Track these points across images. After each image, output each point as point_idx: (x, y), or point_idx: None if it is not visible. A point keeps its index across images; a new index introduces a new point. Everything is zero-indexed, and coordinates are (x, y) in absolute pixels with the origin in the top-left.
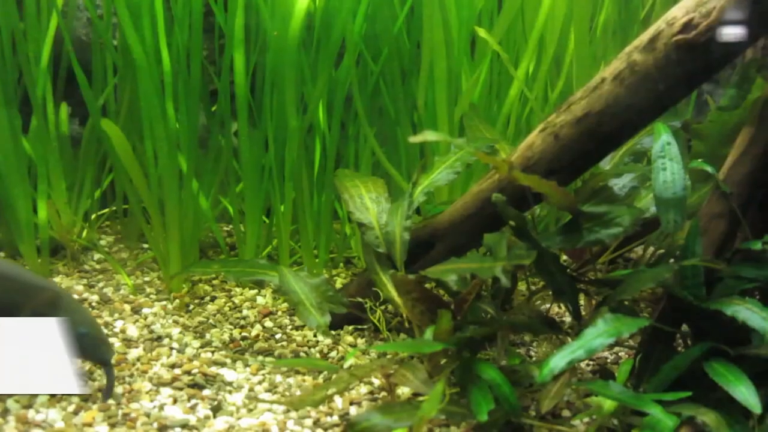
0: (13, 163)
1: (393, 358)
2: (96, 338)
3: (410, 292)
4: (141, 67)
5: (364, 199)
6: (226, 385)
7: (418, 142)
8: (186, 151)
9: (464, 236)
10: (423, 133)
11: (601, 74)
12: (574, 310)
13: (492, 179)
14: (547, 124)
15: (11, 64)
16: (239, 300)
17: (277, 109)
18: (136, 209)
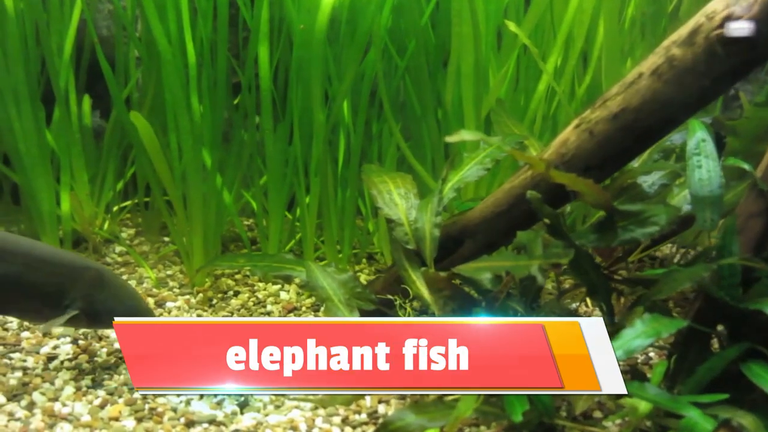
0: (36, 155)
1: None
2: (144, 310)
3: (441, 289)
4: (166, 60)
5: (392, 194)
6: None
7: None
8: (209, 144)
9: (494, 233)
10: (459, 132)
11: (638, 69)
12: (607, 310)
13: (524, 176)
14: (581, 120)
15: (35, 55)
16: (263, 295)
17: (302, 103)
18: (159, 202)
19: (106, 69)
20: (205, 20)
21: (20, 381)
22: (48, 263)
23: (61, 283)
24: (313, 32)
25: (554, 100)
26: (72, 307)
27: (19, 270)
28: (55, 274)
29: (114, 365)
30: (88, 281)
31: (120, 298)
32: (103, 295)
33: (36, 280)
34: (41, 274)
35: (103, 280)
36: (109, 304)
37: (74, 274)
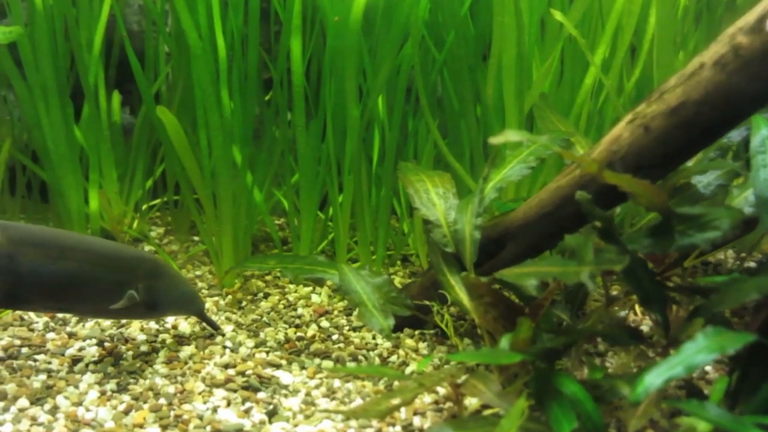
0: (65, 152)
1: (462, 367)
2: (193, 294)
3: (483, 296)
4: (196, 54)
5: (430, 194)
6: (281, 388)
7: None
8: (240, 141)
9: (538, 236)
10: (504, 132)
11: (699, 59)
12: (662, 321)
13: (572, 175)
14: (635, 115)
15: (63, 51)
16: (293, 297)
17: (335, 98)
18: (188, 201)
19: (135, 64)
20: (236, 13)
21: (44, 384)
22: (108, 258)
23: (121, 277)
24: (348, 24)
25: (601, 94)
26: (130, 298)
27: (80, 267)
28: (115, 269)
29: (139, 369)
30: (146, 272)
31: (175, 286)
32: (160, 284)
33: (97, 275)
34: (102, 269)
35: (159, 270)
36: (166, 293)
37: (133, 267)
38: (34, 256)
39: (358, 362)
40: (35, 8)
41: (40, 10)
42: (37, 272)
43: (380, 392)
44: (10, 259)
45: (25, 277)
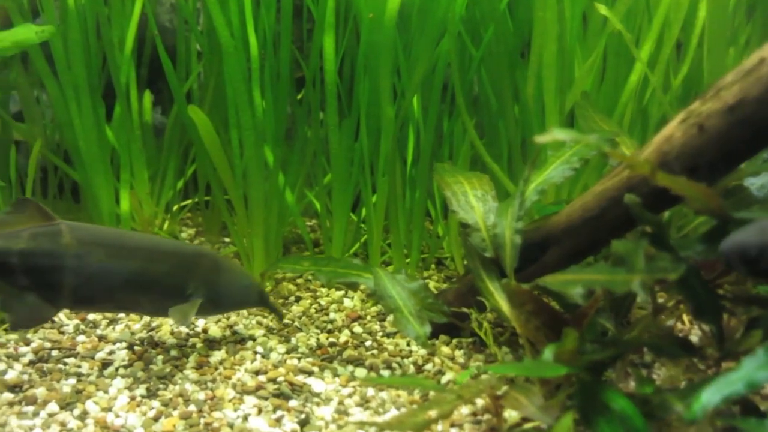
0: (96, 152)
1: (501, 378)
2: (255, 286)
3: (524, 304)
4: (228, 52)
5: (468, 196)
6: (313, 396)
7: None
8: (272, 141)
9: (582, 241)
10: (550, 131)
11: (759, 54)
12: (717, 333)
13: (619, 177)
14: (689, 114)
15: (96, 50)
16: (325, 302)
17: (370, 97)
18: (220, 201)
19: (167, 63)
20: (267, 10)
21: (74, 388)
22: (167, 255)
23: (182, 274)
24: (383, 21)
25: (645, 93)
26: (195, 295)
27: (144, 265)
28: (176, 266)
29: (169, 374)
30: (206, 268)
31: (236, 280)
32: (221, 279)
33: (158, 272)
34: (165, 267)
35: (219, 265)
36: (227, 287)
37: (192, 264)
38: (100, 256)
39: (392, 370)
40: (68, 7)
41: (72, 10)
42: (103, 272)
43: (415, 402)
44: (78, 259)
45: (92, 277)
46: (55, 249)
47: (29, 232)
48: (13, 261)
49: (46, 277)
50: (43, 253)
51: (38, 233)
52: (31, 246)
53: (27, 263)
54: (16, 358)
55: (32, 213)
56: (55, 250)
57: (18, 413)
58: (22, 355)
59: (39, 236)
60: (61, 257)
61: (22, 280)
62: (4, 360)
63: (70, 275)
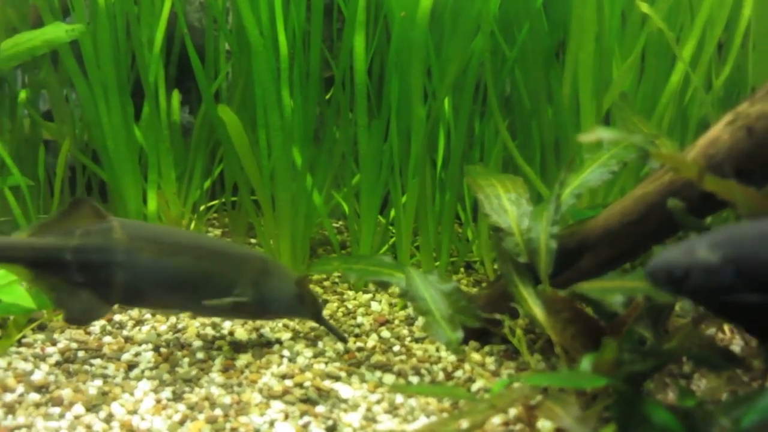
0: (124, 152)
1: (535, 388)
2: (308, 297)
3: (560, 311)
4: (257, 52)
5: (501, 200)
6: (340, 402)
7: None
8: (300, 142)
9: (620, 247)
10: (594, 130)
11: None
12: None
13: (660, 181)
14: (737, 116)
15: (124, 49)
16: (353, 305)
17: (400, 97)
18: (246, 202)
19: (196, 62)
20: (297, 9)
21: (100, 390)
22: (218, 254)
23: (231, 274)
24: (415, 19)
25: (686, 94)
26: (241, 296)
27: (194, 263)
28: (225, 266)
29: (195, 377)
30: (256, 270)
31: (287, 286)
32: (270, 284)
33: (208, 271)
34: (214, 266)
35: (268, 269)
36: (275, 292)
37: (242, 264)
38: (151, 252)
39: (420, 376)
40: (98, 6)
41: (102, 8)
42: (153, 268)
43: (445, 410)
44: (128, 255)
45: (143, 273)
46: (106, 245)
47: (82, 230)
48: (66, 257)
49: (98, 273)
50: (95, 249)
51: (91, 230)
52: (83, 242)
53: (80, 259)
54: (42, 358)
55: (87, 211)
56: (107, 246)
57: (44, 414)
58: (49, 356)
59: (92, 233)
60: (113, 253)
61: (77, 277)
62: (31, 360)
63: (120, 271)
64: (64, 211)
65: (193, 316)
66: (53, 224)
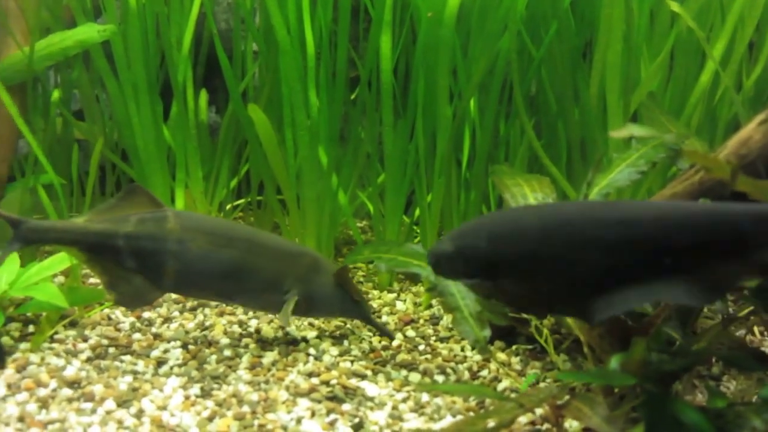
0: (153, 151)
1: (563, 387)
2: (357, 296)
3: None
4: (284, 51)
5: (528, 199)
6: (367, 400)
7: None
8: (326, 141)
9: None
10: (627, 126)
11: None
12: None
13: (690, 181)
14: None
15: (154, 49)
16: (377, 304)
17: (426, 97)
18: (272, 201)
19: (225, 62)
20: (324, 9)
21: (130, 386)
22: (268, 249)
23: (281, 268)
24: (443, 19)
25: (715, 94)
26: (291, 293)
27: (244, 256)
28: (275, 260)
29: (223, 374)
30: (306, 267)
31: (336, 285)
32: (319, 280)
33: (258, 265)
34: (264, 260)
35: (318, 266)
36: (325, 289)
37: (292, 260)
38: (202, 243)
39: (446, 375)
40: (129, 6)
41: (133, 9)
42: (204, 258)
43: (472, 409)
44: (180, 244)
45: (193, 263)
46: (159, 233)
47: (137, 217)
48: (119, 243)
49: (150, 260)
50: (147, 237)
51: (145, 218)
52: (137, 230)
53: (132, 246)
54: (74, 354)
55: (142, 199)
56: (159, 234)
57: (77, 410)
58: (81, 352)
59: (146, 221)
60: (165, 241)
61: (129, 263)
62: (63, 356)
63: (172, 259)
64: (121, 198)
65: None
66: (110, 210)
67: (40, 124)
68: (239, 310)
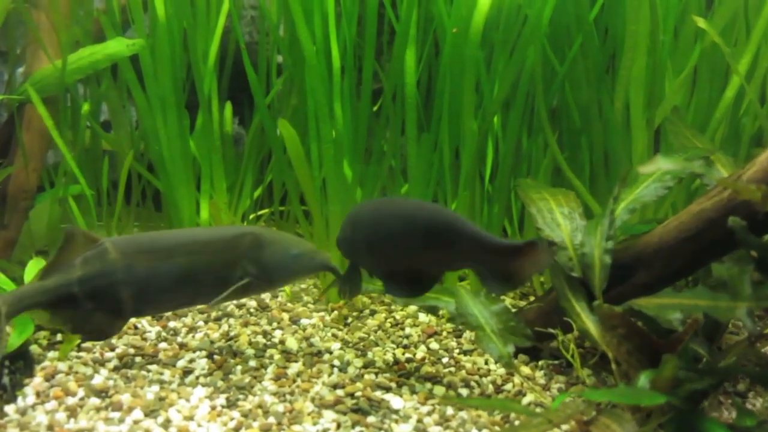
0: (179, 163)
1: (590, 403)
2: (310, 252)
3: (616, 327)
4: (310, 65)
5: (554, 214)
6: (391, 413)
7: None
8: (350, 155)
9: (676, 263)
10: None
11: None
12: None
13: (719, 197)
14: None
15: (181, 62)
16: (400, 316)
17: (450, 111)
18: (297, 212)
19: (252, 76)
20: (349, 23)
21: (157, 396)
22: (207, 244)
23: (226, 258)
24: (468, 35)
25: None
26: (243, 276)
27: (186, 260)
28: (217, 252)
29: (249, 385)
30: (248, 246)
31: (284, 250)
32: (267, 253)
33: (203, 263)
34: (205, 256)
35: (262, 241)
36: (275, 259)
37: (233, 245)
38: (146, 262)
39: (470, 389)
40: (157, 20)
41: (162, 23)
42: (153, 276)
43: (497, 423)
44: (126, 271)
45: (144, 284)
46: (105, 268)
47: (80, 259)
48: (75, 290)
49: (105, 296)
50: (97, 275)
51: (88, 257)
52: (85, 271)
53: (86, 288)
54: (102, 363)
55: (80, 240)
56: (106, 269)
57: (105, 419)
58: (108, 361)
59: (90, 260)
60: (112, 273)
61: (87, 305)
62: (91, 365)
63: (124, 287)
64: (61, 246)
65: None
66: (56, 262)
67: (69, 136)
68: (263, 321)
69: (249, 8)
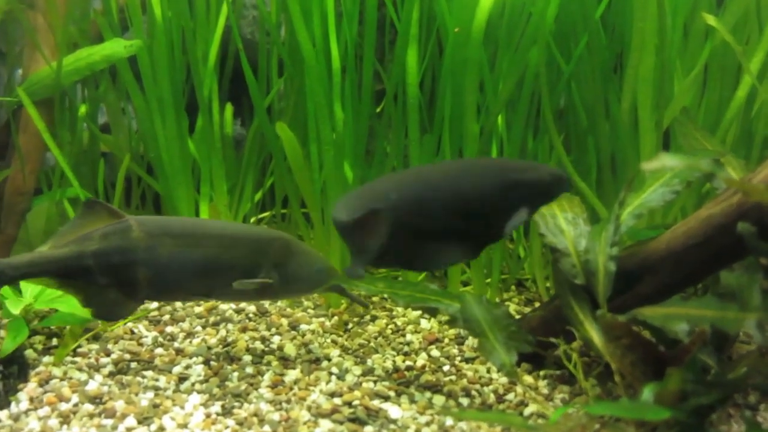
0: (178, 165)
1: (593, 416)
2: (329, 270)
3: (620, 337)
4: (310, 65)
5: (557, 219)
6: (389, 422)
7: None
8: (351, 157)
9: (683, 270)
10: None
11: None
12: None
13: (728, 202)
14: None
15: (180, 63)
16: (401, 322)
17: (453, 112)
18: (297, 215)
19: (250, 77)
20: (350, 23)
21: (151, 402)
22: (238, 241)
23: (253, 258)
24: (470, 34)
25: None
26: (266, 277)
27: (216, 252)
28: (246, 250)
29: (245, 392)
30: (278, 251)
31: (308, 263)
32: (293, 262)
33: (229, 258)
34: (236, 252)
35: (290, 249)
36: (300, 270)
37: (263, 247)
38: (171, 246)
39: (471, 398)
40: (155, 21)
41: (160, 24)
42: (174, 261)
43: None
44: (149, 251)
45: (164, 268)
46: (126, 245)
47: (100, 232)
48: (88, 263)
49: (121, 273)
50: (115, 251)
51: (109, 232)
52: (103, 246)
53: (102, 263)
54: (97, 368)
55: (101, 213)
56: (127, 246)
57: (98, 426)
58: (103, 366)
59: (110, 235)
60: (133, 252)
61: (101, 279)
62: (86, 370)
63: (143, 268)
64: (80, 216)
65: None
66: (72, 230)
67: (67, 138)
68: (261, 326)
69: (251, 8)
